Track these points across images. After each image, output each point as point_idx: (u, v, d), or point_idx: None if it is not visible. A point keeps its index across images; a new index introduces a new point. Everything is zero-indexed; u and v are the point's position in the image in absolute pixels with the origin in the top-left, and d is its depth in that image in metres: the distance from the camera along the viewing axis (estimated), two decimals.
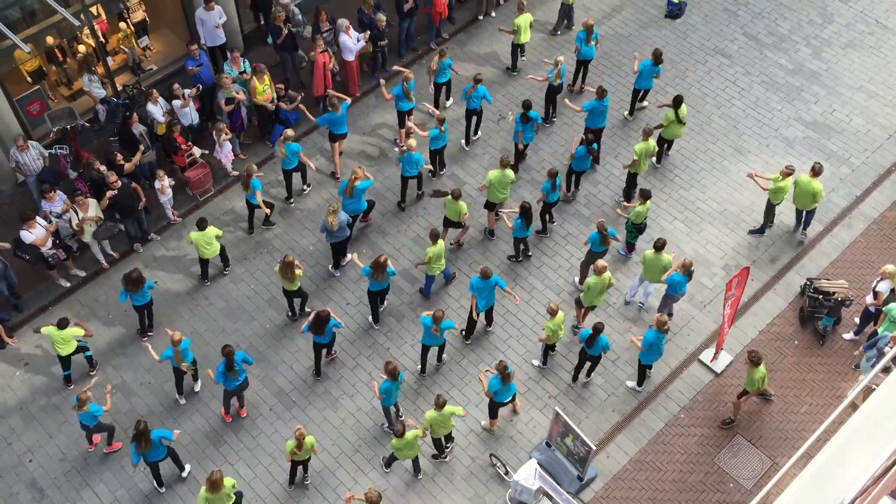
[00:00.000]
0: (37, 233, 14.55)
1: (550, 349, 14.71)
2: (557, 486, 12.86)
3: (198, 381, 14.52)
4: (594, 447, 12.80)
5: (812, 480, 7.41)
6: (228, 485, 12.10)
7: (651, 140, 15.98)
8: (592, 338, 13.55)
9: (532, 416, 14.35)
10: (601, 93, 16.37)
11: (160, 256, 16.14)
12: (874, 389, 8.46)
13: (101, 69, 17.29)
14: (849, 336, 15.12)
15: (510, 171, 15.52)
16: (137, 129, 16.11)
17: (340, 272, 15.93)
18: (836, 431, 8.10)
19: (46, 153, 15.75)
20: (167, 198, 16.00)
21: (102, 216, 15.17)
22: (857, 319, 15.07)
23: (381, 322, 15.32)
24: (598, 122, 16.81)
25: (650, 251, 14.45)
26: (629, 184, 16.57)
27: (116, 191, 15.03)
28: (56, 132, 16.19)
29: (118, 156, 15.63)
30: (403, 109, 17.08)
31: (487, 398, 13.50)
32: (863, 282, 15.58)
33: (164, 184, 15.72)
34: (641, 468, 13.88)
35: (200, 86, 16.73)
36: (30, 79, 17.19)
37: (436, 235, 14.53)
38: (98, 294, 15.74)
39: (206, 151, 16.73)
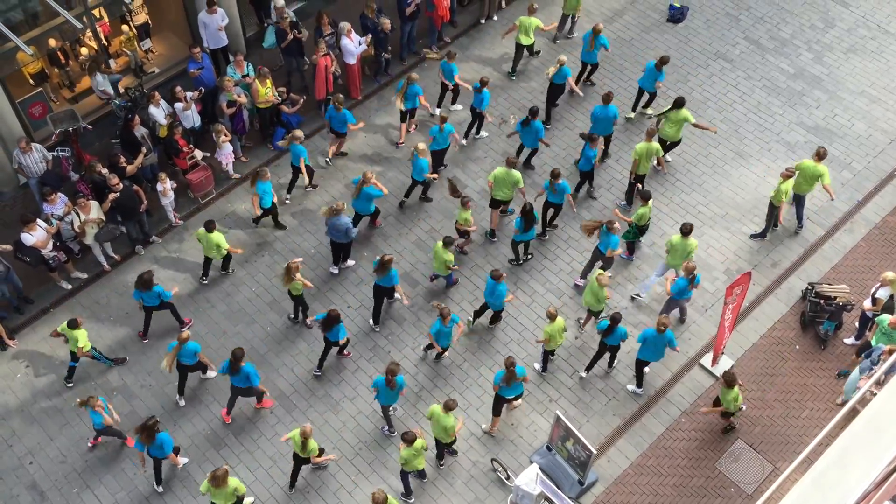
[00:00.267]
0: (37, 235, 14.56)
1: (550, 354, 14.70)
2: (559, 491, 12.85)
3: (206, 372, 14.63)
4: (595, 451, 12.78)
5: (813, 485, 7.41)
6: (232, 485, 12.14)
7: (654, 142, 15.98)
8: (611, 328, 13.74)
9: (533, 420, 14.34)
10: (606, 98, 16.41)
11: (162, 259, 16.15)
12: (875, 395, 8.45)
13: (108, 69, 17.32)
14: (850, 341, 15.11)
15: (516, 172, 15.51)
16: (139, 132, 16.12)
17: (338, 270, 15.98)
18: (838, 436, 8.09)
19: (50, 156, 15.76)
20: (169, 200, 16.01)
21: (104, 218, 15.19)
22: (857, 324, 15.08)
23: (382, 325, 15.32)
24: (602, 130, 16.81)
25: (676, 236, 14.60)
26: (631, 186, 16.60)
27: (118, 193, 15.05)
28: (58, 134, 16.20)
29: (121, 158, 15.65)
30: (406, 108, 17.28)
31: (495, 390, 13.54)
32: (864, 286, 15.57)
33: (167, 186, 15.74)
34: (642, 472, 13.86)
35: (202, 88, 16.76)
36: (32, 81, 17.19)
37: (450, 242, 14.59)
38: (99, 296, 15.74)
39: (208, 154, 16.75)
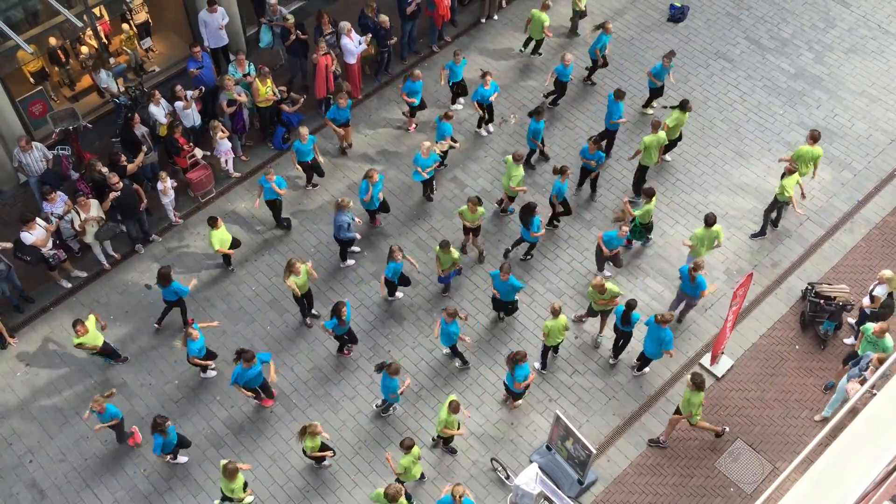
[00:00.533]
0: (37, 234, 14.56)
1: (553, 351, 14.70)
2: (558, 491, 12.85)
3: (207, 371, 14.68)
4: (594, 451, 12.78)
5: (813, 485, 7.40)
6: (240, 482, 12.29)
7: (661, 133, 16.02)
8: (626, 314, 13.87)
9: (532, 420, 14.35)
10: (618, 95, 16.49)
11: (161, 257, 16.15)
12: (875, 395, 8.45)
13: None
14: (850, 340, 15.11)
15: (519, 168, 15.57)
16: (139, 131, 16.13)
17: (346, 264, 16.11)
18: (838, 436, 8.09)
19: (50, 155, 15.76)
20: (169, 199, 16.01)
21: (104, 217, 15.19)
22: (854, 323, 15.08)
23: (382, 324, 15.34)
24: (608, 124, 16.97)
25: (700, 229, 14.70)
26: (638, 178, 16.66)
27: (119, 192, 15.05)
28: (58, 133, 16.19)
29: (122, 157, 15.65)
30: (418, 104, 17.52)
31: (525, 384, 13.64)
32: (864, 286, 15.56)
33: (167, 185, 15.74)
34: (642, 472, 13.86)
35: (202, 87, 16.76)
36: (32, 79, 17.20)
37: (446, 245, 14.56)
38: (99, 295, 15.74)
39: (208, 153, 16.75)
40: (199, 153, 16.53)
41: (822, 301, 14.94)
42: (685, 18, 20.26)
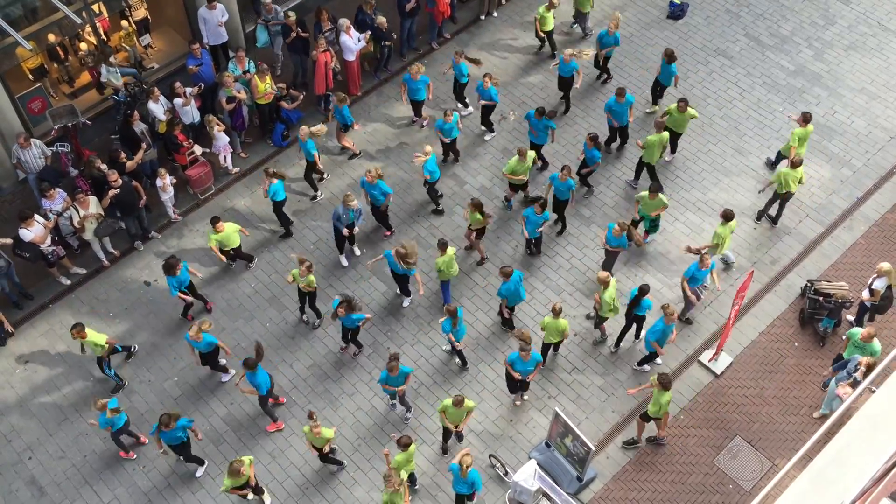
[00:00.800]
0: (35, 231, 14.56)
1: (554, 349, 14.70)
2: (557, 487, 12.87)
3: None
4: (593, 448, 12.79)
5: (812, 482, 7.42)
6: (246, 461, 12.39)
7: (665, 133, 16.10)
8: (637, 299, 13.98)
9: (532, 417, 14.36)
10: (620, 93, 16.53)
11: (161, 254, 16.13)
12: (874, 391, 8.47)
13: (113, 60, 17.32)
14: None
15: (514, 161, 15.70)
16: (139, 127, 16.12)
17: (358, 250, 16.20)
18: (836, 433, 8.10)
19: (49, 152, 15.75)
20: (168, 196, 16.01)
21: (103, 213, 15.19)
22: (851, 318, 15.09)
23: (382, 322, 15.34)
24: (618, 120, 17.01)
25: (720, 226, 14.78)
26: (639, 169, 16.76)
27: (118, 189, 15.04)
28: (57, 130, 16.18)
29: (122, 154, 15.64)
30: (419, 99, 17.48)
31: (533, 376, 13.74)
32: (863, 283, 15.54)
33: (166, 182, 15.73)
34: (641, 469, 13.87)
35: (202, 84, 16.75)
36: (31, 76, 17.19)
37: (444, 245, 14.53)
38: (99, 292, 15.74)
39: (208, 150, 16.74)
40: (199, 150, 16.53)
41: (822, 298, 14.94)
42: (685, 15, 20.24)
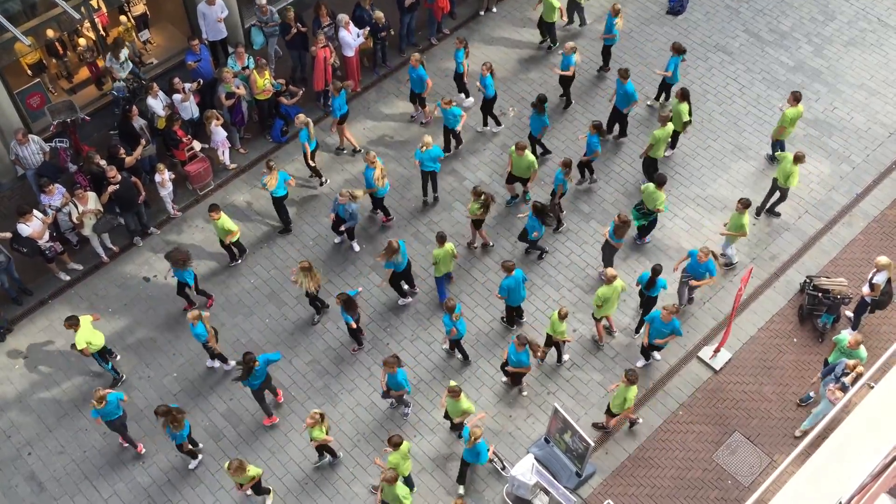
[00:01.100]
0: (33, 226, 14.55)
1: (556, 346, 14.71)
2: (554, 481, 12.89)
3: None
4: (592, 443, 12.81)
5: (810, 478, 7.43)
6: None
7: (669, 125, 16.12)
8: (652, 280, 14.03)
9: (531, 413, 14.37)
10: (623, 75, 16.57)
11: (160, 250, 16.13)
12: (873, 387, 8.47)
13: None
14: (845, 331, 15.13)
15: (512, 149, 15.70)
16: (138, 123, 16.11)
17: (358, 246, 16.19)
18: (835, 429, 8.11)
19: (47, 147, 15.74)
20: (167, 191, 16.00)
21: (102, 209, 15.18)
22: (850, 314, 15.09)
23: (382, 318, 15.35)
24: (620, 104, 17.02)
25: (735, 213, 14.85)
26: (647, 169, 16.73)
27: (118, 185, 15.03)
28: (56, 125, 16.17)
29: (121, 150, 15.63)
30: (418, 91, 17.48)
31: (524, 371, 13.77)
32: (862, 280, 15.55)
33: (165, 177, 15.73)
34: (640, 465, 13.89)
35: (201, 80, 16.73)
36: (30, 72, 17.17)
37: (442, 238, 14.52)
38: (98, 288, 15.74)
39: (207, 145, 16.73)
40: (198, 146, 16.51)
41: (821, 294, 14.95)
42: (684, 11, 20.21)
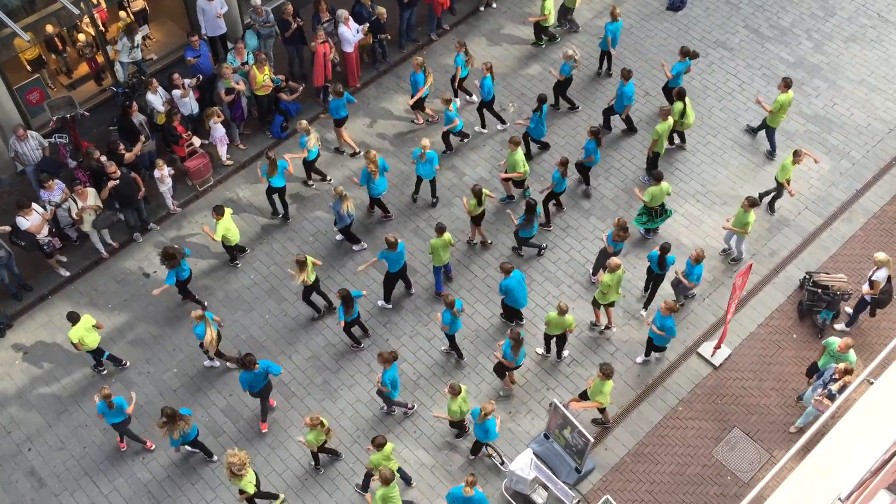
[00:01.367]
0: (32, 220, 14.55)
1: (558, 344, 14.70)
2: (553, 476, 12.91)
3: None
4: (592, 439, 12.82)
5: (809, 474, 7.44)
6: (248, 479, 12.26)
7: (670, 119, 16.14)
8: (661, 258, 14.19)
9: (531, 408, 14.38)
10: (626, 75, 16.60)
11: (160, 246, 16.11)
12: (872, 383, 8.48)
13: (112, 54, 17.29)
14: (840, 327, 15.15)
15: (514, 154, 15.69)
16: (137, 119, 16.10)
17: (362, 245, 16.12)
18: (834, 425, 8.12)
19: (46, 143, 15.73)
20: (167, 187, 15.99)
21: (101, 205, 15.17)
22: (850, 310, 15.11)
23: (381, 314, 15.35)
24: (618, 106, 17.03)
25: (741, 210, 14.90)
26: (651, 165, 16.73)
27: (118, 181, 15.02)
28: (55, 121, 16.16)
29: (121, 146, 15.62)
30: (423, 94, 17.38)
31: (510, 366, 13.75)
32: (862, 276, 15.57)
33: (164, 173, 15.72)
34: (639, 460, 13.91)
35: (200, 76, 16.71)
36: (29, 67, 17.16)
37: (441, 229, 14.53)
38: (98, 284, 15.74)
39: (206, 141, 16.71)
40: (198, 142, 16.50)
41: (820, 290, 14.96)
42: (684, 7, 20.19)
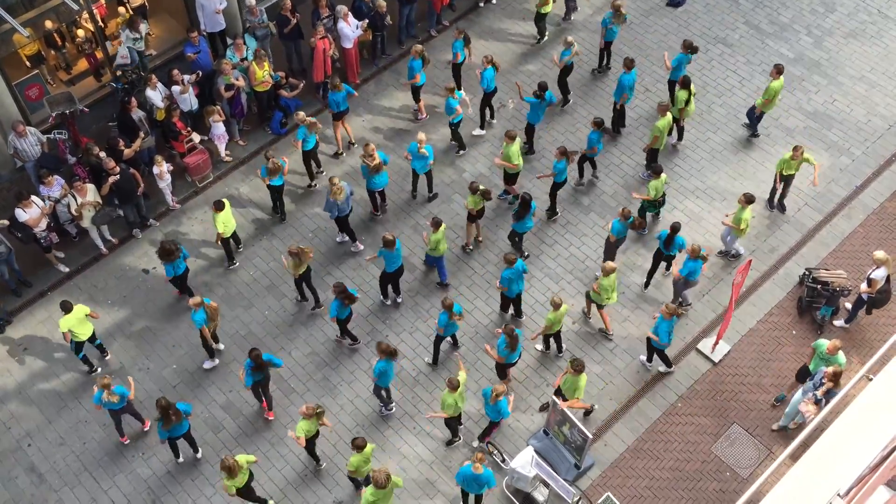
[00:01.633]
0: (31, 212, 14.54)
1: (556, 340, 14.73)
2: (554, 473, 12.92)
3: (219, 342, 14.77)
4: (591, 435, 12.84)
5: (808, 470, 7.45)
6: (242, 461, 12.19)
7: (669, 115, 16.14)
8: (670, 238, 14.37)
9: (530, 405, 14.39)
10: (629, 64, 16.55)
11: (159, 242, 16.11)
12: (871, 379, 8.49)
13: (104, 53, 17.26)
14: (840, 323, 15.16)
15: (510, 146, 15.64)
16: (136, 115, 16.09)
17: (362, 244, 16.07)
18: (833, 421, 8.13)
19: (45, 139, 15.72)
20: (166, 183, 15.98)
21: (101, 201, 15.17)
22: (849, 305, 15.12)
23: (381, 310, 15.34)
24: (616, 95, 17.03)
25: (746, 211, 14.90)
26: (650, 159, 16.74)
27: (118, 177, 15.02)
28: (55, 117, 16.15)
29: (121, 142, 15.61)
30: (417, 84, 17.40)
31: (499, 361, 13.70)
32: (861, 272, 15.58)
33: (163, 169, 15.71)
34: (638, 456, 13.93)
35: (199, 72, 16.70)
36: (28, 63, 17.14)
37: (437, 223, 14.53)
38: (97, 280, 15.74)
39: (206, 137, 16.70)
40: (197, 138, 16.49)
41: (820, 286, 14.96)
42: (684, 2, 20.16)
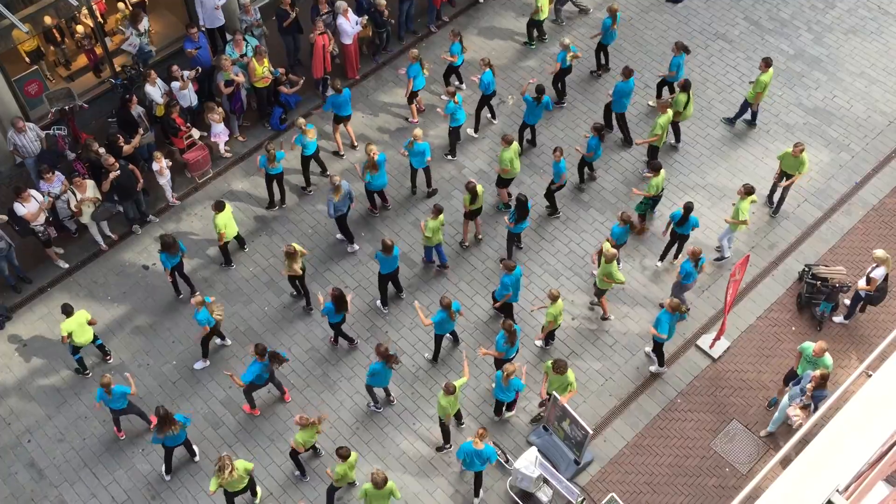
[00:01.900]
0: (29, 207, 14.53)
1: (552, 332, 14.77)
2: (558, 474, 12.93)
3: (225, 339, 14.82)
4: (591, 431, 12.85)
5: (808, 466, 7.44)
6: (241, 468, 12.16)
7: (669, 111, 16.16)
8: (684, 217, 14.43)
9: (530, 401, 14.40)
10: (627, 73, 16.49)
11: (160, 237, 16.11)
12: (870, 375, 8.49)
13: (100, 50, 17.22)
14: (839, 319, 15.17)
15: (506, 150, 15.57)
16: (136, 111, 16.07)
17: (358, 246, 16.04)
18: (832, 417, 8.14)
19: (44, 135, 15.71)
20: (165, 179, 15.97)
21: (100, 197, 15.16)
22: (848, 302, 15.12)
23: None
24: (621, 106, 16.93)
25: (738, 199, 14.94)
26: (650, 156, 16.74)
27: (118, 173, 15.01)
28: (54, 113, 16.14)
29: (121, 139, 15.60)
30: (419, 87, 17.36)
31: (499, 357, 13.72)
32: (861, 268, 15.58)
33: (162, 165, 15.70)
34: (638, 452, 13.94)
35: (199, 68, 16.68)
36: (28, 59, 17.12)
37: (439, 210, 14.59)
38: (97, 276, 15.74)
39: (205, 133, 16.69)
40: (196, 134, 16.49)
41: (819, 283, 14.97)
42: None
